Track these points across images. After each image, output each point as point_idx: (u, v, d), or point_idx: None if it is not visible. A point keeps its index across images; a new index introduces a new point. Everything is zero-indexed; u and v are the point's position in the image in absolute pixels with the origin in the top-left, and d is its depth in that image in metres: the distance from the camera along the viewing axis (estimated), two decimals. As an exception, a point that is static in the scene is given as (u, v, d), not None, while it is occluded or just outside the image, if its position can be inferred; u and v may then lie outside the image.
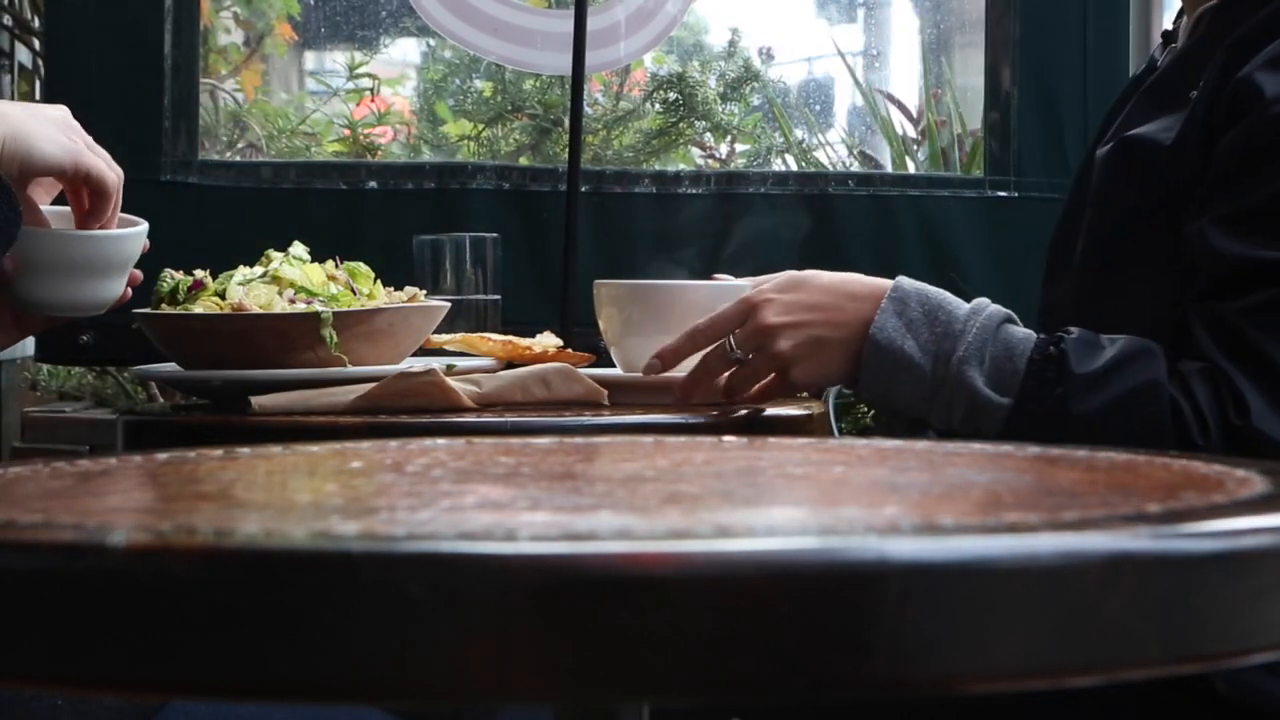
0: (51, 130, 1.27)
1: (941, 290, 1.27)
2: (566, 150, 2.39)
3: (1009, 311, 1.24)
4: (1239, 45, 1.20)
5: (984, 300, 1.25)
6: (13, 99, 3.77)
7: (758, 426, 1.35)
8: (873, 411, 2.69)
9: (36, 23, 3.51)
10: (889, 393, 1.25)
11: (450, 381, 1.33)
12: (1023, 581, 0.46)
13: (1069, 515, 0.53)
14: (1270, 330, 1.13)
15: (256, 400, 1.33)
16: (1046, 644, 0.47)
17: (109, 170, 1.32)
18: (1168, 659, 0.49)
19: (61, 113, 1.31)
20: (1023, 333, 1.22)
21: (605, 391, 1.39)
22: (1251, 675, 1.10)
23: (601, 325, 1.53)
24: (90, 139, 1.32)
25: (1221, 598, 0.49)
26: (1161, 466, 0.71)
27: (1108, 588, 0.47)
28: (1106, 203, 1.29)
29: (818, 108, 3.34)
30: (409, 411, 1.32)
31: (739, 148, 3.16)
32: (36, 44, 3.56)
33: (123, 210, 1.39)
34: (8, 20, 3.65)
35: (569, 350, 1.54)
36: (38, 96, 3.67)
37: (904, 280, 1.27)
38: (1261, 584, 0.50)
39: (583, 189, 2.53)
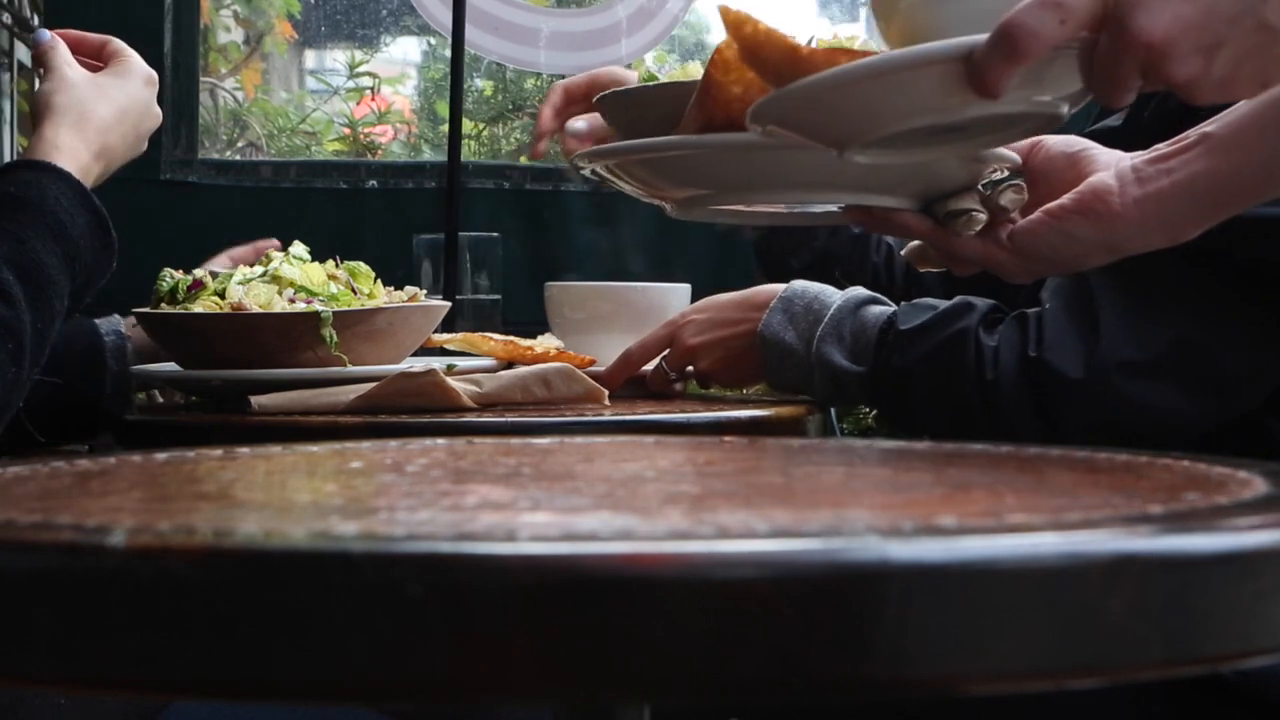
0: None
1: (829, 287, 1.40)
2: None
3: (875, 294, 1.36)
4: None
5: (857, 288, 1.37)
6: (12, 97, 3.77)
7: (759, 428, 1.35)
8: (874, 412, 2.69)
9: (36, 20, 3.51)
10: (785, 382, 1.39)
11: (450, 381, 1.33)
12: (1024, 582, 0.46)
13: (1071, 516, 0.53)
14: (1112, 283, 1.19)
15: (256, 400, 1.33)
16: (1048, 645, 0.47)
17: None
18: (1169, 660, 0.49)
19: (151, 123, 1.36)
20: (881, 309, 1.34)
21: (606, 391, 1.40)
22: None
23: (552, 325, 1.67)
24: None
25: (1223, 599, 0.49)
26: (1164, 468, 0.71)
27: (1109, 589, 0.47)
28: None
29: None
30: (409, 411, 1.32)
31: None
32: (37, 43, 3.56)
33: (122, 209, 1.39)
34: (7, 18, 3.65)
35: (570, 352, 1.54)
36: (38, 95, 3.67)
37: (798, 283, 1.41)
38: (1263, 585, 0.50)
39: (583, 188, 2.53)
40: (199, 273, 1.46)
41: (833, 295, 1.37)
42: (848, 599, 0.45)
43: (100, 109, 1.29)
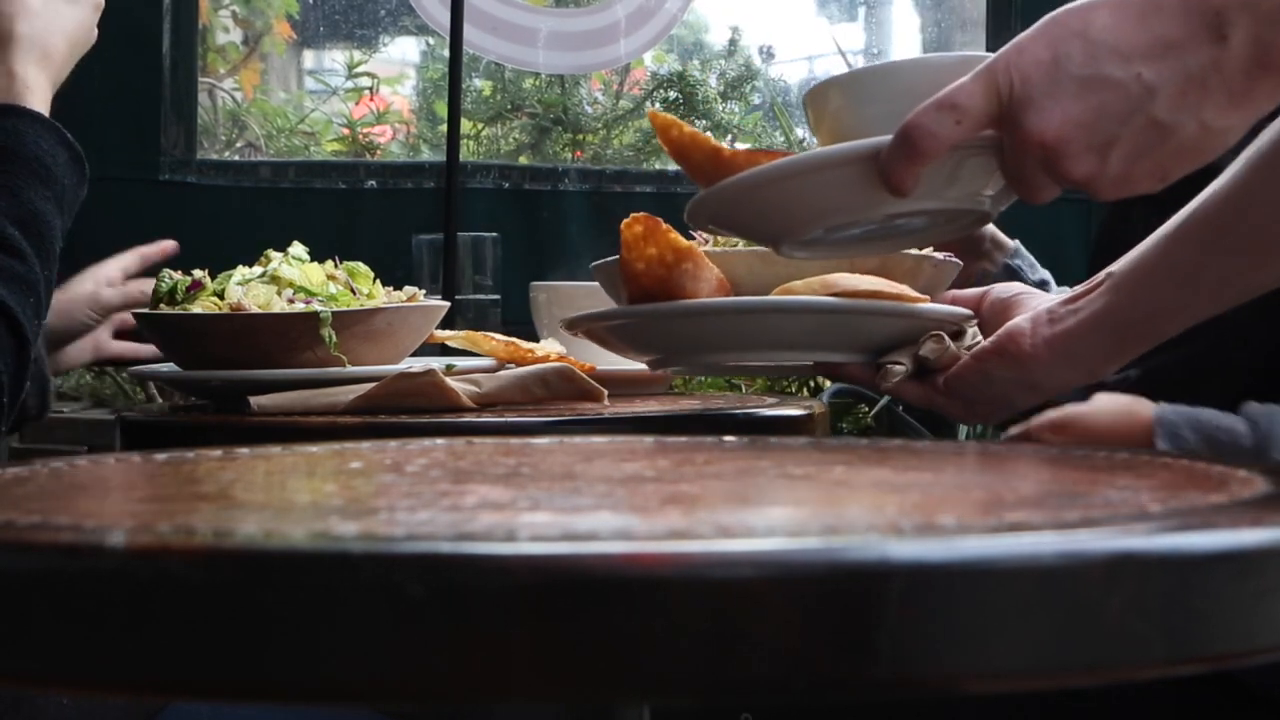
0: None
1: (1201, 409, 1.21)
2: (567, 149, 2.39)
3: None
4: None
5: (1254, 405, 1.19)
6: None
7: (758, 426, 1.35)
8: (873, 411, 2.69)
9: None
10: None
11: (449, 381, 1.33)
12: (1024, 581, 0.46)
13: (1071, 515, 0.53)
14: None
15: (255, 400, 1.33)
16: (1048, 644, 0.47)
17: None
18: (1170, 659, 0.49)
19: (86, 48, 1.32)
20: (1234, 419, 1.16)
21: (605, 392, 1.40)
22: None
23: (539, 326, 1.66)
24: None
25: (1224, 598, 0.49)
26: (1163, 466, 0.71)
27: (1109, 588, 0.47)
28: (1160, 210, 1.29)
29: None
30: (408, 412, 1.32)
31: (740, 147, 3.16)
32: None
33: (120, 210, 1.39)
34: (7, 19, 3.65)
35: (571, 358, 1.54)
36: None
37: (1164, 410, 1.21)
38: (1264, 584, 0.50)
39: (583, 188, 2.53)
40: (198, 273, 1.46)
41: (1232, 421, 1.18)
42: (848, 599, 0.45)
43: (57, 41, 1.30)
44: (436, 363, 1.42)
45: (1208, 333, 1.07)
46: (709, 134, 0.99)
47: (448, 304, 1.52)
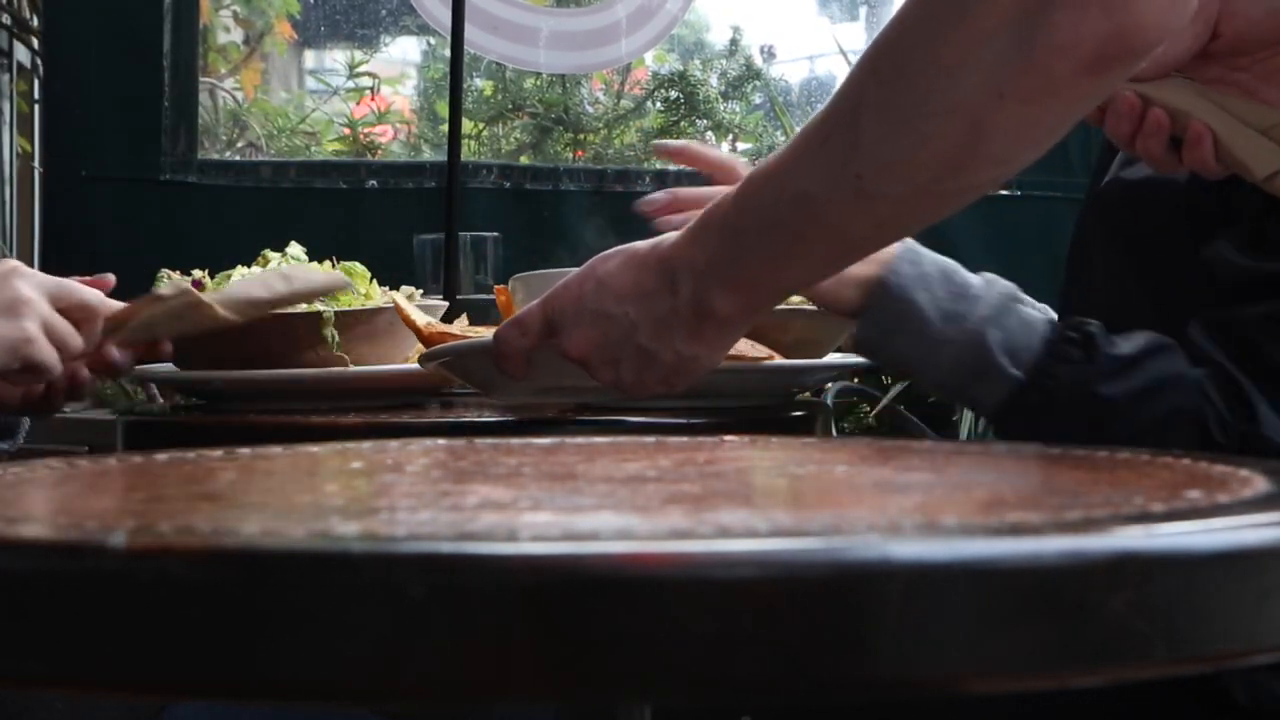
0: None
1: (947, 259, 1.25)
2: (568, 149, 2.39)
3: (1017, 288, 1.21)
4: None
5: (993, 275, 1.23)
6: (12, 98, 3.77)
7: (760, 426, 1.35)
8: (875, 411, 2.69)
9: (35, 22, 3.51)
10: (887, 344, 1.21)
11: (204, 297, 1.30)
12: (1026, 581, 0.46)
13: (1072, 515, 0.53)
14: (1277, 338, 1.13)
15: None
16: (1049, 644, 0.47)
17: (67, 339, 1.25)
18: (1171, 659, 0.49)
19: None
20: (1034, 312, 1.19)
21: (346, 278, 1.37)
22: (1273, 683, 1.09)
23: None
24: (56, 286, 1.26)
25: (1225, 598, 0.49)
26: (1165, 466, 0.71)
27: (1111, 588, 0.47)
28: (1123, 230, 1.29)
29: (820, 106, 3.35)
30: (400, 408, 1.32)
31: (741, 146, 3.16)
32: (35, 43, 3.56)
33: (121, 210, 1.38)
34: (6, 19, 3.65)
35: None
36: (36, 96, 3.67)
37: (911, 240, 1.23)
38: (1266, 584, 0.49)
39: (584, 188, 2.53)
40: (198, 273, 1.46)
41: (967, 272, 1.21)
42: (849, 598, 0.45)
43: None
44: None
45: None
46: (709, 135, 1.06)
47: (446, 304, 1.52)
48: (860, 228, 0.91)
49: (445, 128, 2.60)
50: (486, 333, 1.45)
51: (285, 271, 1.36)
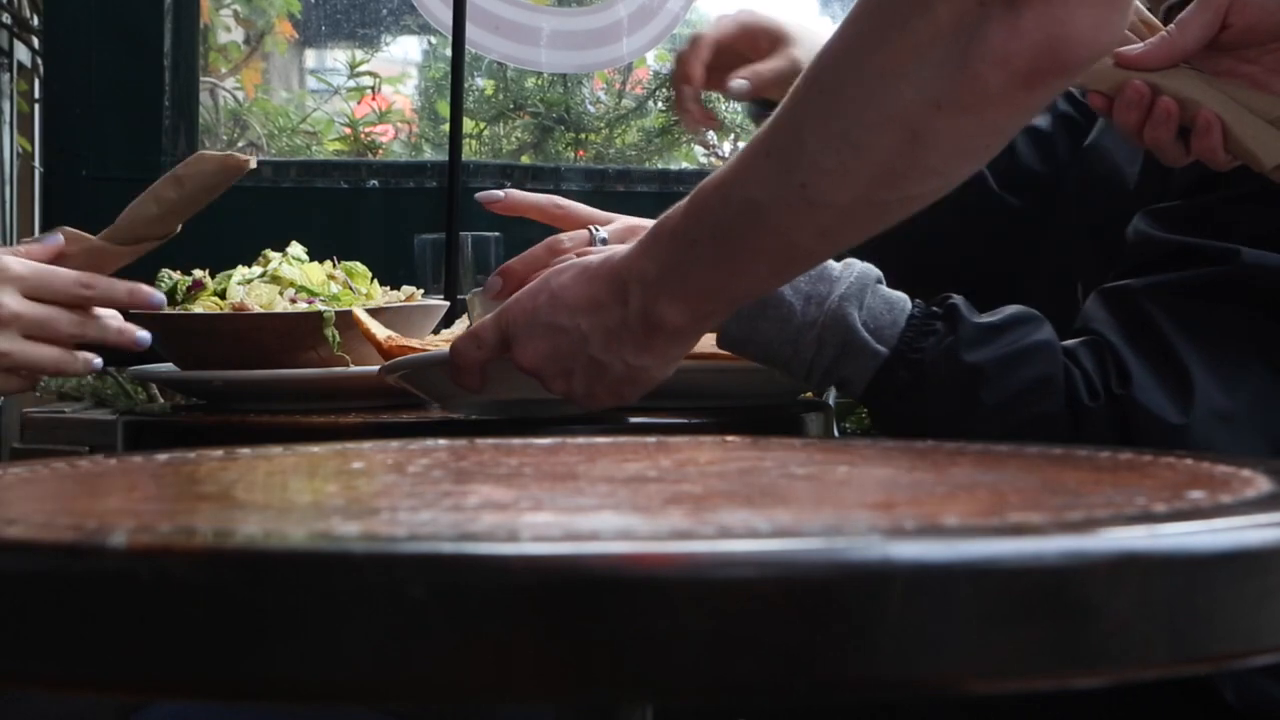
0: None
1: None
2: (569, 149, 2.39)
3: (877, 270, 1.21)
4: None
5: (852, 259, 1.22)
6: (12, 98, 3.77)
7: (761, 426, 1.35)
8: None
9: (36, 21, 3.51)
10: (751, 332, 1.18)
11: (96, 240, 1.28)
12: (1027, 582, 0.46)
13: (1074, 515, 0.53)
14: (1167, 307, 1.13)
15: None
16: (1051, 645, 0.47)
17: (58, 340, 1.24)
18: (1174, 660, 0.48)
19: None
20: (896, 292, 1.19)
21: (246, 158, 1.33)
22: (1262, 683, 1.09)
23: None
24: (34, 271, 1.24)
25: (1228, 598, 0.49)
26: (1167, 466, 0.71)
27: (1113, 588, 0.47)
28: (1076, 218, 1.31)
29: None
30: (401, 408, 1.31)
31: (742, 146, 3.15)
32: (36, 42, 3.56)
33: (120, 207, 1.36)
34: (7, 18, 3.65)
35: None
36: (37, 95, 3.67)
37: None
38: (1268, 584, 0.49)
39: (585, 188, 2.53)
40: (198, 273, 1.46)
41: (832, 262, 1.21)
42: (850, 599, 0.45)
43: None
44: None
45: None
46: (710, 135, 1.06)
47: (447, 304, 1.52)
48: (805, 237, 0.92)
49: (446, 127, 2.60)
50: (446, 344, 1.44)
51: (176, 173, 1.32)
